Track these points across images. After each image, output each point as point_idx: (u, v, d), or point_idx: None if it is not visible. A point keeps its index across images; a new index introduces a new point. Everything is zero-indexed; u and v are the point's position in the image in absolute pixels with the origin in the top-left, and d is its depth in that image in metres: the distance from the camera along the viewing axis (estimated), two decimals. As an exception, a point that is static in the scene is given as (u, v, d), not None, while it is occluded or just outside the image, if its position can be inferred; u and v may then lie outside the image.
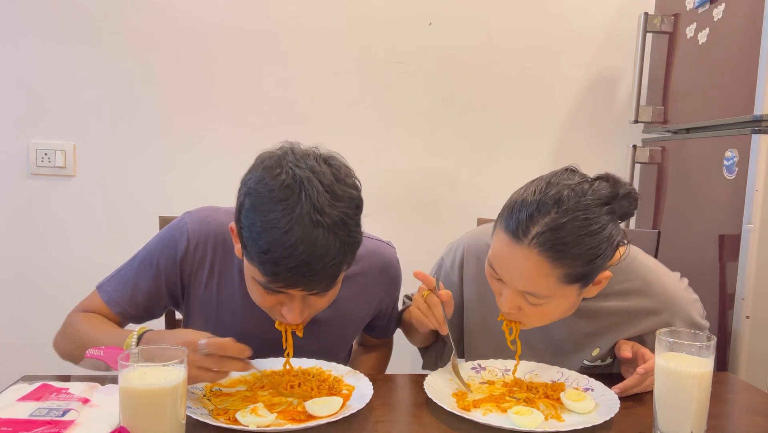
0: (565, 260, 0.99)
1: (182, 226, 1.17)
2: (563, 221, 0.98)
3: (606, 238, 1.02)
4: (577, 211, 0.99)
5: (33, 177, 2.02)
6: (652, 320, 1.17)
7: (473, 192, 2.13)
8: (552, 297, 1.04)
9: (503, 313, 1.11)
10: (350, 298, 1.22)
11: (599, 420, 0.94)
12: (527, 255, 1.00)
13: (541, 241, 0.99)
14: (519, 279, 1.03)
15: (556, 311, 1.08)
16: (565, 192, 1.01)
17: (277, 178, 0.95)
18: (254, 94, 2.05)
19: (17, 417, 0.87)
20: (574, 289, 1.05)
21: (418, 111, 2.11)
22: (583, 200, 1.00)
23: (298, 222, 0.92)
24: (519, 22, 2.11)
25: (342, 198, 0.96)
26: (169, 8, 2.00)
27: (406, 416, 1.01)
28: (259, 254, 0.94)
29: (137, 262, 1.19)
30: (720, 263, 1.56)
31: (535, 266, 1.00)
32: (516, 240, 1.01)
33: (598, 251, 1.01)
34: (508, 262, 1.04)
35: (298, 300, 1.02)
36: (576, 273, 1.01)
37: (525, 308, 1.07)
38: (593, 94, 2.16)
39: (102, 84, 2.01)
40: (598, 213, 1.01)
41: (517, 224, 1.01)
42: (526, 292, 1.04)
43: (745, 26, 1.52)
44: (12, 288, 2.04)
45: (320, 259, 0.93)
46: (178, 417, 0.82)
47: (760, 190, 1.44)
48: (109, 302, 1.17)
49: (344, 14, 2.05)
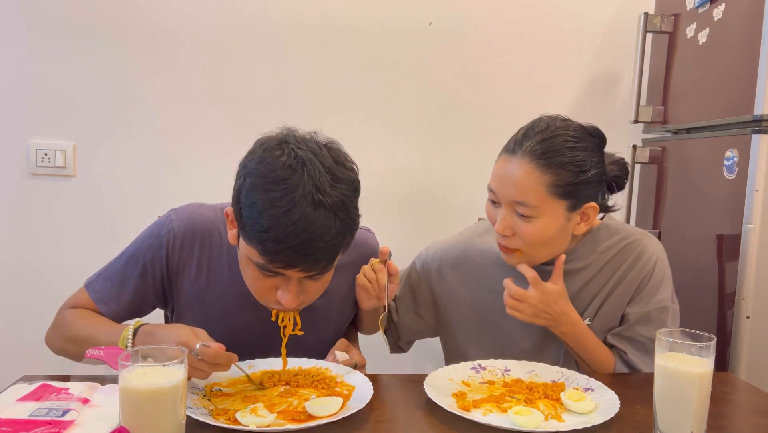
0: (553, 168, 1.13)
1: (168, 223, 1.18)
2: (553, 134, 1.15)
3: (592, 159, 1.16)
4: (567, 130, 1.16)
5: (33, 177, 2.02)
6: (627, 263, 1.24)
7: (473, 192, 2.12)
8: (541, 210, 1.14)
9: (498, 234, 1.19)
10: (340, 287, 1.24)
11: (599, 420, 0.94)
12: (519, 164, 1.15)
13: (533, 149, 1.14)
14: (511, 188, 1.15)
15: (546, 230, 1.16)
16: (556, 122, 1.18)
17: (279, 159, 0.97)
18: (254, 94, 2.05)
19: (17, 417, 0.87)
20: (561, 206, 1.15)
21: (418, 111, 2.11)
22: (573, 125, 1.19)
23: (299, 201, 0.93)
24: (519, 22, 2.11)
25: (342, 180, 0.98)
26: (169, 8, 2.00)
27: (406, 416, 1.01)
28: (259, 233, 0.95)
29: (124, 260, 1.19)
30: (720, 263, 1.56)
31: (526, 172, 1.13)
32: (511, 154, 1.17)
33: (583, 166, 1.14)
34: (503, 175, 1.17)
35: (294, 283, 1.02)
36: (562, 184, 1.13)
37: (518, 227, 1.16)
38: (593, 94, 2.16)
39: (102, 84, 2.01)
40: (585, 136, 1.17)
41: (513, 142, 1.18)
42: (517, 202, 1.14)
43: (745, 26, 1.52)
44: (12, 288, 2.04)
45: (320, 238, 0.94)
46: (178, 417, 0.82)
47: (760, 190, 1.44)
48: (98, 301, 1.17)
49: (344, 14, 2.05)
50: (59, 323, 1.18)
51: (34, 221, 2.04)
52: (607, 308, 1.26)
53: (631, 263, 1.25)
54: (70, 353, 1.14)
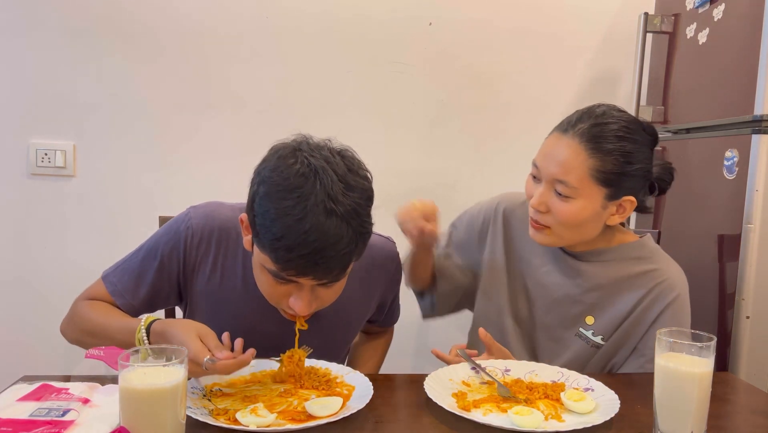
0: (600, 153, 1.14)
1: (187, 220, 1.18)
2: (607, 120, 1.17)
3: (640, 153, 1.17)
4: (621, 121, 1.17)
5: (33, 177, 2.02)
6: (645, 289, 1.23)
7: (473, 192, 2.12)
8: (580, 191, 1.15)
9: (533, 208, 1.21)
10: (352, 293, 1.23)
11: (599, 420, 0.94)
12: (569, 143, 1.16)
13: (584, 131, 1.16)
14: (555, 165, 1.16)
15: (581, 213, 1.17)
16: (613, 111, 1.19)
17: (292, 167, 0.97)
18: (254, 94, 2.05)
19: (17, 417, 0.87)
20: (601, 192, 1.16)
21: (418, 111, 2.11)
22: (629, 116, 1.19)
23: (312, 210, 0.93)
24: (519, 22, 2.11)
25: (355, 188, 0.98)
26: (169, 8, 2.00)
27: (406, 416, 1.01)
28: (272, 241, 0.95)
29: (142, 254, 1.20)
30: (720, 262, 1.56)
31: (574, 152, 1.15)
32: (563, 132, 1.18)
33: (630, 158, 1.16)
34: (550, 151, 1.18)
35: (307, 290, 1.02)
36: (606, 171, 1.15)
37: (553, 205, 1.18)
38: (593, 94, 2.16)
39: (102, 84, 2.01)
40: (637, 129, 1.18)
41: (567, 122, 1.19)
42: (558, 180, 1.16)
43: (745, 26, 1.52)
44: (12, 288, 2.04)
45: (333, 247, 0.94)
46: (178, 417, 0.82)
47: (760, 190, 1.45)
48: (114, 294, 1.18)
49: (344, 14, 2.05)
50: (75, 314, 1.19)
51: (34, 221, 2.03)
52: (619, 334, 1.25)
53: (653, 301, 1.22)
54: (86, 345, 1.14)
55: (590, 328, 1.26)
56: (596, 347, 1.26)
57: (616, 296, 1.25)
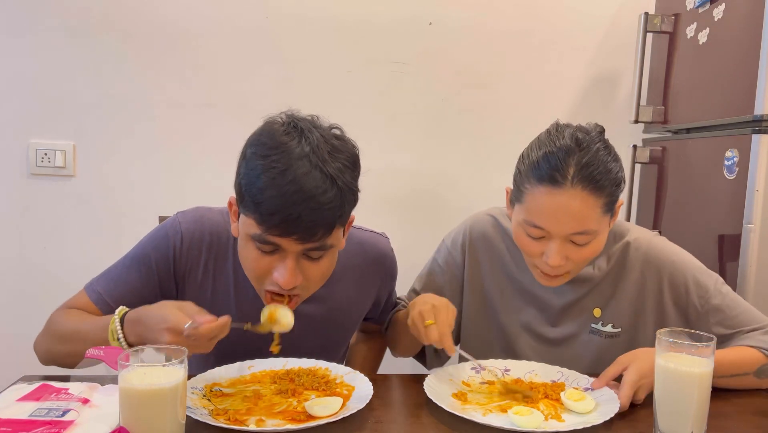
0: (603, 188, 1.08)
1: (176, 225, 1.16)
2: (591, 155, 1.08)
3: (616, 158, 1.13)
4: (596, 144, 1.10)
5: (33, 177, 2.02)
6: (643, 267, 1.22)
7: (473, 192, 2.13)
8: (598, 231, 1.11)
9: (550, 268, 1.13)
10: (347, 291, 1.22)
11: (599, 420, 0.94)
12: (572, 195, 1.07)
13: (582, 177, 1.07)
14: (569, 221, 1.08)
15: (599, 246, 1.14)
16: (577, 134, 1.10)
17: (279, 128, 1.00)
18: (254, 94, 2.05)
19: (17, 417, 0.87)
20: (607, 219, 1.14)
21: (418, 111, 2.11)
22: (592, 135, 1.12)
23: (296, 163, 0.95)
24: (519, 22, 2.11)
25: (341, 151, 1.00)
26: (169, 8, 2.00)
27: (406, 416, 1.01)
28: (256, 194, 0.95)
29: (128, 261, 1.17)
30: (720, 263, 1.56)
31: (583, 202, 1.07)
32: (557, 186, 1.07)
33: (620, 175, 1.13)
34: (554, 209, 1.08)
35: (292, 258, 1.00)
36: (611, 199, 1.11)
37: (572, 254, 1.11)
38: (593, 94, 2.16)
39: (102, 84, 2.01)
40: (603, 138, 1.13)
41: (553, 171, 1.07)
42: (576, 233, 1.09)
43: (745, 26, 1.52)
44: (12, 288, 2.04)
45: (315, 199, 0.94)
46: (177, 417, 0.82)
47: (760, 190, 1.44)
48: (98, 302, 1.14)
49: (344, 14, 2.05)
50: (48, 323, 1.14)
51: (34, 221, 2.04)
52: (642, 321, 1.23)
53: (659, 282, 1.22)
54: (57, 356, 1.10)
55: (598, 321, 1.25)
56: (611, 336, 1.24)
57: (609, 278, 1.24)
